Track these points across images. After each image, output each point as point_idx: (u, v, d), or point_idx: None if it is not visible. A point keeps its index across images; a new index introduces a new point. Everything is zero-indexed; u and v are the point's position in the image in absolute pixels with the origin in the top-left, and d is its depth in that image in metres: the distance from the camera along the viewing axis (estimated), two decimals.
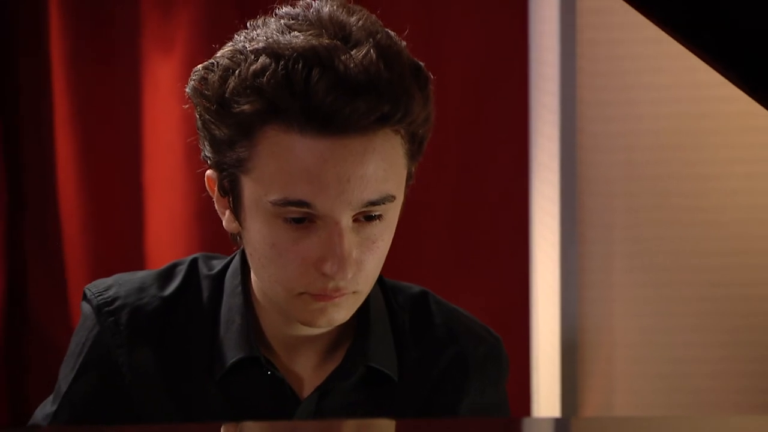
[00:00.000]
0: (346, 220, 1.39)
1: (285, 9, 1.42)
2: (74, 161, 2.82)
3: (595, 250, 2.52)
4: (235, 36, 1.42)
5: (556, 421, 2.06)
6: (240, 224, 1.46)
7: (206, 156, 1.44)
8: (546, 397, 2.68)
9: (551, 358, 2.61)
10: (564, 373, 2.54)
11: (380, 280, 1.56)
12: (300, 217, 1.39)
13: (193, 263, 1.59)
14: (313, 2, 1.42)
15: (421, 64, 1.43)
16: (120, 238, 2.85)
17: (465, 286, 2.80)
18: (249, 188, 1.42)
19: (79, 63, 2.82)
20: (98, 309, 1.54)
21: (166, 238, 2.79)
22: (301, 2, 1.42)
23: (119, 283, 1.56)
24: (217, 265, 1.58)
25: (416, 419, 1.54)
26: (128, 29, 2.82)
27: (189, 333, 1.54)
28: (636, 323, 2.53)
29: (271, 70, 1.36)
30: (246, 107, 1.37)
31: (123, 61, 2.80)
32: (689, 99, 2.47)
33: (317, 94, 1.34)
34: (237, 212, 1.45)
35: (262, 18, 1.43)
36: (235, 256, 1.54)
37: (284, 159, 1.38)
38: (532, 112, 2.75)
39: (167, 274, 1.58)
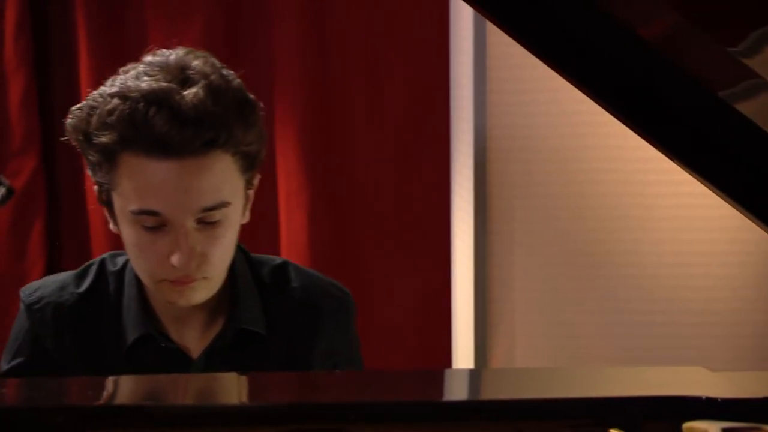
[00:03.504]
0: (189, 223, 1.50)
1: (149, 56, 1.55)
2: None
3: (501, 240, 2.61)
4: (105, 81, 1.54)
5: (470, 371, 2.20)
6: (117, 227, 1.58)
7: (90, 174, 1.56)
8: (462, 353, 2.78)
9: (467, 322, 2.70)
10: (477, 334, 2.63)
11: (247, 258, 1.67)
12: (154, 223, 1.51)
13: (102, 262, 1.68)
14: (169, 50, 1.55)
15: (251, 97, 1.53)
16: None
17: (404, 268, 3.00)
18: (116, 201, 1.54)
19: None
20: (28, 307, 1.65)
21: None
22: (161, 50, 1.56)
23: (45, 285, 1.67)
24: (121, 261, 1.68)
25: (367, 372, 1.62)
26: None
27: (100, 319, 1.64)
28: (532, 294, 2.61)
29: (119, 109, 1.47)
30: (103, 139, 1.49)
31: None
32: (571, 124, 2.56)
33: (155, 127, 1.45)
34: (113, 218, 1.57)
35: (133, 64, 1.55)
36: None
37: (137, 178, 1.49)
38: (452, 135, 2.88)
39: (82, 274, 1.67)
